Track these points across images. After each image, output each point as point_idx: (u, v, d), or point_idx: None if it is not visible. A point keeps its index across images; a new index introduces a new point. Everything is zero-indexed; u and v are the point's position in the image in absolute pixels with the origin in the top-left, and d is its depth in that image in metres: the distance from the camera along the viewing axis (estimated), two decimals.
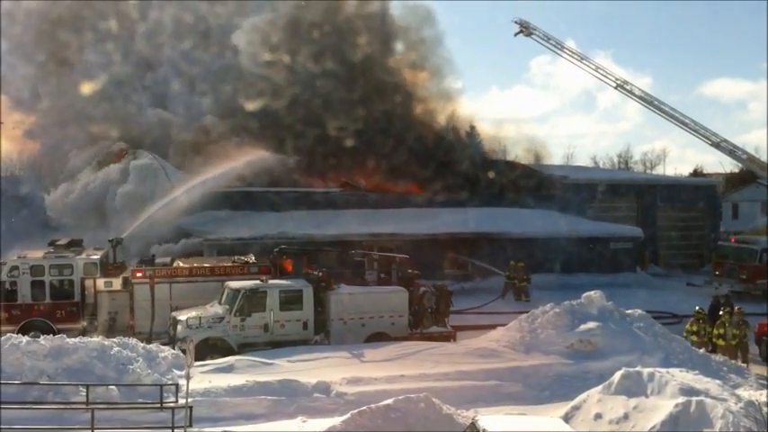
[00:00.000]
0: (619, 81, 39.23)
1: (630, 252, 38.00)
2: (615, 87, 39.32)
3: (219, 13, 41.98)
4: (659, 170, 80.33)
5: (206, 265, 23.75)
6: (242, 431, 15.65)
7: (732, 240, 36.05)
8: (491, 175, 40.77)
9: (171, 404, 15.70)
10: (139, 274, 22.44)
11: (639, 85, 42.03)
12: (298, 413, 16.46)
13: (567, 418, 15.30)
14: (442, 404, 15.42)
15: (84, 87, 39.58)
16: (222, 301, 21.45)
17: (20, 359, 16.83)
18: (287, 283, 21.94)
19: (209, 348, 20.16)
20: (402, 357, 19.77)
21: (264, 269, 22.94)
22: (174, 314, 21.37)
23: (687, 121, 37.83)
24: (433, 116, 44.17)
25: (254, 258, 24.30)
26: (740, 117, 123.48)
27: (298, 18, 41.13)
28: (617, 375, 15.60)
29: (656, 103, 38.62)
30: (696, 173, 72.18)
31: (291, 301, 21.50)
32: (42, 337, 18.06)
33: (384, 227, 33.25)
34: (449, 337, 22.90)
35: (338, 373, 18.13)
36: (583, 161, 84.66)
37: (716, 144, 37.66)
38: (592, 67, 39.70)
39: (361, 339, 21.62)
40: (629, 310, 21.71)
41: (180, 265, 23.83)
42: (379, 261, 25.09)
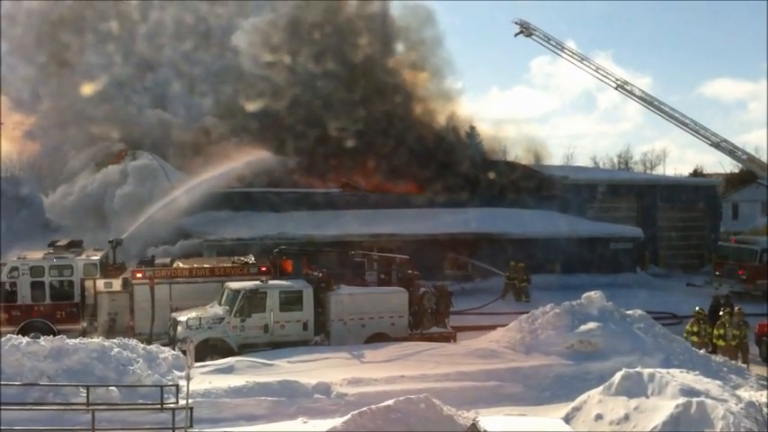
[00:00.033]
0: (619, 81, 39.23)
1: (630, 252, 38.00)
2: (615, 88, 39.33)
3: (220, 14, 42.01)
4: (659, 170, 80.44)
5: (206, 265, 23.70)
6: None
7: (732, 241, 36.05)
8: (491, 175, 40.79)
9: (171, 405, 15.69)
10: (139, 275, 22.41)
11: (639, 85, 42.09)
12: (298, 414, 16.46)
13: (568, 419, 15.29)
14: (443, 405, 15.41)
15: (85, 88, 39.58)
16: (222, 302, 21.43)
17: (20, 360, 16.81)
18: (287, 284, 21.93)
19: (209, 349, 20.16)
20: (402, 358, 19.75)
21: (264, 270, 22.89)
22: (174, 315, 21.36)
23: (687, 122, 37.83)
24: (433, 117, 44.18)
25: (253, 259, 24.26)
26: (740, 117, 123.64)
27: (298, 19, 41.12)
28: (617, 376, 15.58)
29: (656, 103, 38.62)
30: (696, 173, 72.17)
31: (291, 301, 21.49)
32: (42, 338, 18.02)
33: (384, 227, 33.22)
34: (449, 337, 22.88)
35: (338, 374, 18.12)
36: (583, 161, 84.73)
37: (716, 144, 37.66)
38: (592, 67, 39.72)
39: (362, 340, 21.61)
40: (629, 311, 21.70)
41: (180, 265, 23.80)
42: (379, 262, 25.07)
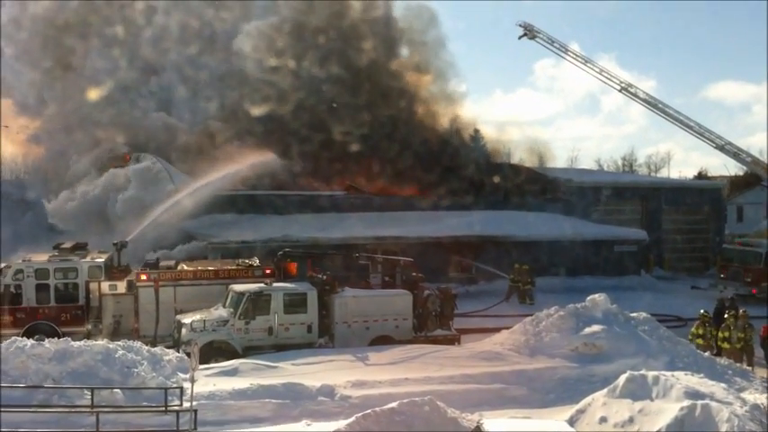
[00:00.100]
0: (623, 84, 39.26)
1: (635, 255, 37.96)
2: (619, 90, 39.36)
3: (225, 19, 42.10)
4: (663, 173, 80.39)
5: (210, 268, 23.73)
6: None
7: (738, 244, 35.94)
8: (495, 178, 40.79)
9: (175, 407, 15.70)
10: (144, 278, 22.44)
11: (643, 87, 42.23)
12: (302, 416, 16.46)
13: (572, 422, 15.25)
14: (447, 407, 15.40)
15: (90, 93, 39.69)
16: (226, 305, 21.44)
17: (25, 362, 16.84)
18: (291, 287, 21.93)
19: (213, 351, 20.16)
20: (406, 360, 19.73)
21: (269, 272, 22.89)
22: (179, 317, 21.38)
23: (691, 124, 37.82)
24: (437, 120, 44.22)
25: (258, 262, 24.26)
26: (744, 120, 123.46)
27: (303, 23, 41.20)
28: (622, 378, 15.53)
29: (660, 105, 38.62)
30: (701, 176, 72.12)
31: (296, 304, 21.48)
32: (47, 340, 18.07)
33: (388, 230, 33.26)
34: (453, 340, 22.82)
35: (342, 377, 18.11)
36: (587, 164, 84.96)
37: (720, 147, 37.62)
38: (596, 69, 39.78)
39: (366, 342, 21.59)
40: (633, 314, 21.64)
41: (184, 268, 23.81)
42: (383, 264, 25.11)
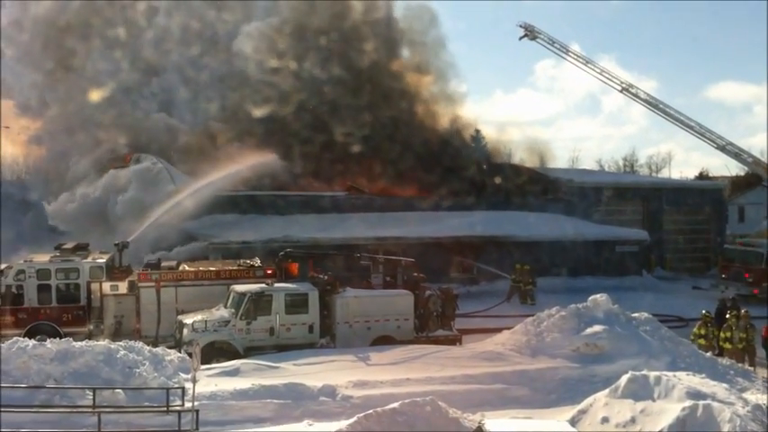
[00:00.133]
0: (624, 84, 39.27)
1: (636, 255, 37.97)
2: (620, 91, 39.37)
3: (226, 20, 42.11)
4: (665, 173, 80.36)
5: (212, 268, 23.72)
6: None
7: (740, 245, 35.91)
8: (497, 178, 40.80)
9: (177, 407, 15.72)
10: (145, 278, 22.48)
11: (644, 88, 42.16)
12: (304, 416, 16.47)
13: (574, 422, 15.25)
14: (449, 408, 15.40)
15: (92, 94, 39.73)
16: (228, 305, 21.44)
17: (26, 363, 16.85)
18: (293, 287, 21.93)
19: (215, 352, 20.15)
20: (408, 361, 19.72)
21: (270, 273, 22.88)
22: (180, 318, 21.38)
23: (692, 125, 37.82)
24: (438, 120, 44.22)
25: (259, 262, 24.26)
26: (745, 120, 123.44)
27: (304, 24, 41.22)
28: (623, 379, 15.53)
29: (661, 106, 38.62)
30: (702, 176, 72.08)
31: (297, 304, 21.47)
32: (49, 340, 18.05)
33: (390, 231, 33.27)
34: (455, 340, 22.82)
35: (344, 377, 18.11)
36: (588, 164, 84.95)
37: (721, 147, 37.62)
38: (597, 70, 39.79)
39: (367, 343, 21.57)
40: (635, 314, 21.64)
41: (186, 268, 23.82)
42: (384, 264, 25.10)
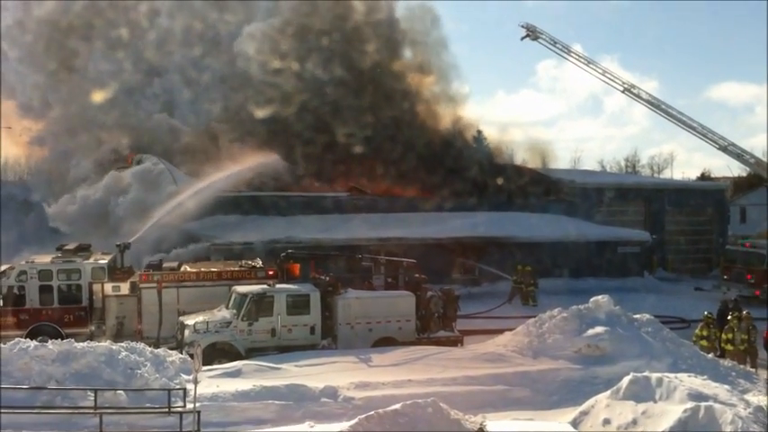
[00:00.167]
0: (626, 85, 39.25)
1: (638, 256, 37.93)
2: (622, 91, 39.37)
3: (228, 21, 42.13)
4: (667, 174, 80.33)
5: (213, 269, 23.73)
6: None
7: (747, 246, 35.78)
8: (499, 179, 40.78)
9: (179, 409, 15.70)
10: (147, 279, 22.49)
11: (646, 88, 41.99)
12: (305, 418, 16.46)
13: (576, 424, 15.26)
14: (450, 409, 15.37)
15: (94, 95, 39.76)
16: (229, 306, 21.45)
17: (28, 364, 16.85)
18: (294, 288, 21.92)
19: (216, 353, 20.15)
20: (409, 362, 19.71)
21: (272, 274, 22.88)
22: (182, 319, 21.39)
23: (694, 125, 37.79)
24: (440, 121, 44.21)
25: (261, 263, 24.28)
26: (747, 120, 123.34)
27: (306, 25, 41.22)
28: (625, 380, 15.53)
29: (663, 106, 38.59)
30: (704, 177, 71.99)
31: (299, 305, 21.47)
32: (50, 341, 18.03)
33: (392, 231, 33.25)
34: (456, 341, 22.78)
35: (346, 378, 18.10)
36: (590, 165, 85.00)
37: (723, 148, 37.59)
38: (598, 70, 39.78)
39: (369, 344, 21.54)
40: (637, 315, 21.61)
41: (187, 269, 23.83)
42: (386, 266, 25.06)
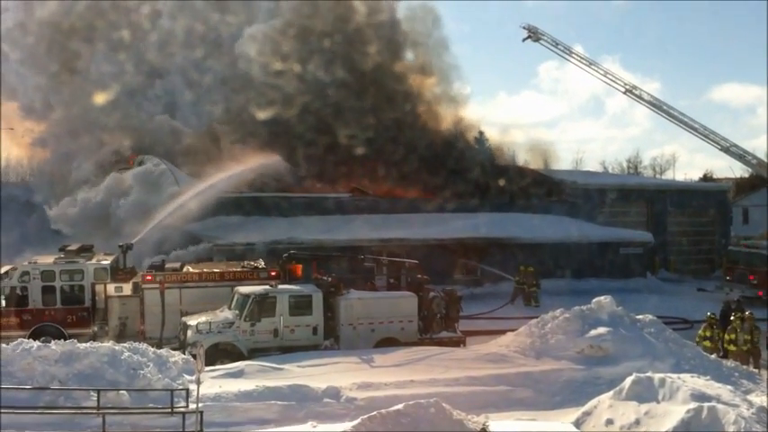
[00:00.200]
0: (627, 86, 39.22)
1: (641, 257, 37.92)
2: (624, 92, 39.34)
3: (230, 23, 42.17)
4: (669, 175, 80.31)
5: (216, 270, 23.74)
6: None
7: (744, 246, 35.81)
8: (501, 180, 40.78)
9: (181, 409, 15.70)
10: (149, 280, 22.51)
11: (648, 89, 41.99)
12: (308, 418, 16.44)
13: (578, 424, 15.23)
14: (453, 409, 15.36)
15: (96, 96, 39.81)
16: (232, 307, 21.46)
17: (31, 364, 16.86)
18: (297, 289, 21.94)
19: (219, 353, 20.18)
20: (412, 362, 19.70)
21: (274, 274, 22.90)
22: (185, 319, 21.40)
23: (696, 126, 37.76)
24: (441, 122, 44.21)
25: (263, 264, 24.29)
26: (749, 121, 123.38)
27: (308, 27, 41.25)
28: (628, 381, 15.52)
29: (665, 107, 38.57)
30: (706, 178, 71.98)
31: (301, 306, 21.48)
32: (53, 342, 18.06)
33: (394, 232, 33.25)
34: (459, 342, 22.78)
35: (348, 379, 18.09)
36: (592, 166, 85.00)
37: (725, 149, 37.56)
38: (600, 71, 39.75)
39: (371, 344, 21.55)
40: (639, 316, 21.59)
41: (190, 270, 23.85)
42: (388, 266, 25.06)
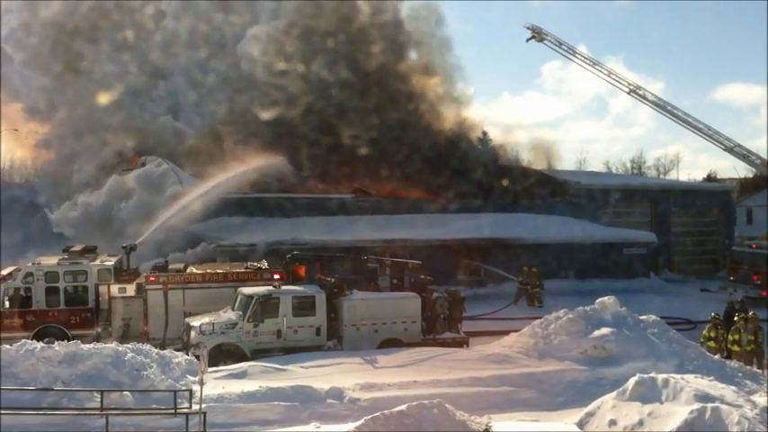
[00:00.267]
0: (631, 86, 39.24)
1: (644, 258, 37.84)
2: (628, 92, 39.38)
3: (234, 23, 42.22)
4: (672, 175, 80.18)
5: (219, 271, 23.76)
6: None
7: (753, 247, 35.68)
8: (504, 181, 40.75)
9: (185, 410, 15.70)
10: (153, 281, 22.53)
11: (652, 90, 41.92)
12: (311, 419, 16.42)
13: (582, 425, 15.22)
14: (456, 410, 15.32)
15: (100, 97, 39.89)
16: (235, 308, 21.48)
17: (34, 365, 16.88)
18: (300, 290, 21.95)
19: (222, 354, 20.19)
20: (415, 363, 19.67)
21: (277, 275, 22.89)
22: (188, 320, 21.42)
23: (700, 126, 37.78)
24: (445, 122, 44.20)
25: (267, 264, 24.31)
26: (753, 121, 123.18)
27: (311, 27, 41.27)
28: (631, 381, 15.47)
29: (668, 108, 38.60)
30: (710, 178, 71.85)
31: (304, 307, 21.48)
32: (57, 343, 18.06)
33: (397, 233, 33.24)
34: (462, 342, 22.75)
35: (351, 379, 18.07)
36: (596, 166, 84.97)
37: (729, 149, 37.56)
38: (604, 72, 39.81)
39: (374, 345, 21.52)
40: (643, 316, 21.52)
41: (193, 271, 23.87)
42: (391, 267, 25.07)
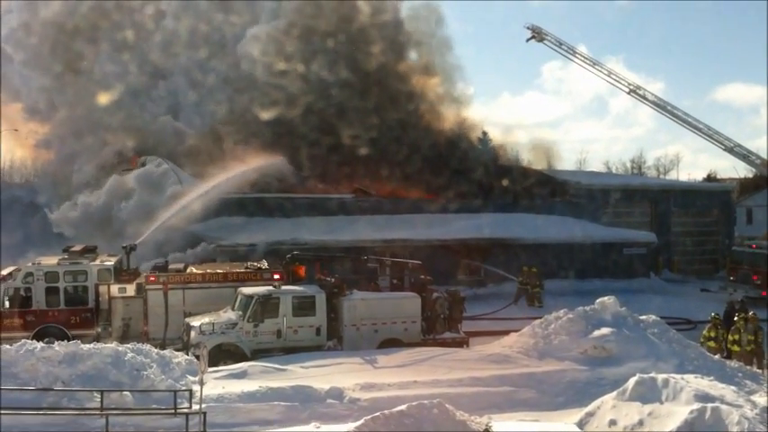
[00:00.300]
0: (631, 86, 39.24)
1: (644, 258, 37.83)
2: (628, 92, 39.39)
3: (234, 23, 42.22)
4: (672, 175, 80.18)
5: (219, 271, 23.76)
6: None
7: (753, 247, 35.68)
8: (504, 181, 40.75)
9: (185, 410, 15.70)
10: (153, 281, 22.53)
11: (652, 90, 41.95)
12: (311, 419, 16.42)
13: (582, 425, 15.23)
14: (456, 410, 15.32)
15: (100, 97, 39.89)
16: (235, 308, 21.48)
17: (34, 365, 16.89)
18: (300, 290, 21.95)
19: (222, 354, 20.19)
20: (415, 363, 19.67)
21: (277, 275, 22.89)
22: (188, 320, 21.43)
23: (700, 126, 37.80)
24: (445, 122, 44.20)
25: (267, 264, 24.31)
26: (753, 121, 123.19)
27: (311, 27, 41.27)
28: (631, 381, 15.48)
29: (668, 108, 38.61)
30: (710, 178, 71.85)
31: (304, 307, 21.49)
32: (57, 343, 18.06)
33: (397, 233, 33.23)
34: (462, 342, 22.76)
35: (351, 379, 18.07)
36: (596, 166, 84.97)
37: (729, 149, 37.58)
38: (604, 72, 39.83)
39: (374, 345, 21.52)
40: (643, 316, 21.52)
41: (193, 271, 23.87)
42: (391, 267, 25.07)
